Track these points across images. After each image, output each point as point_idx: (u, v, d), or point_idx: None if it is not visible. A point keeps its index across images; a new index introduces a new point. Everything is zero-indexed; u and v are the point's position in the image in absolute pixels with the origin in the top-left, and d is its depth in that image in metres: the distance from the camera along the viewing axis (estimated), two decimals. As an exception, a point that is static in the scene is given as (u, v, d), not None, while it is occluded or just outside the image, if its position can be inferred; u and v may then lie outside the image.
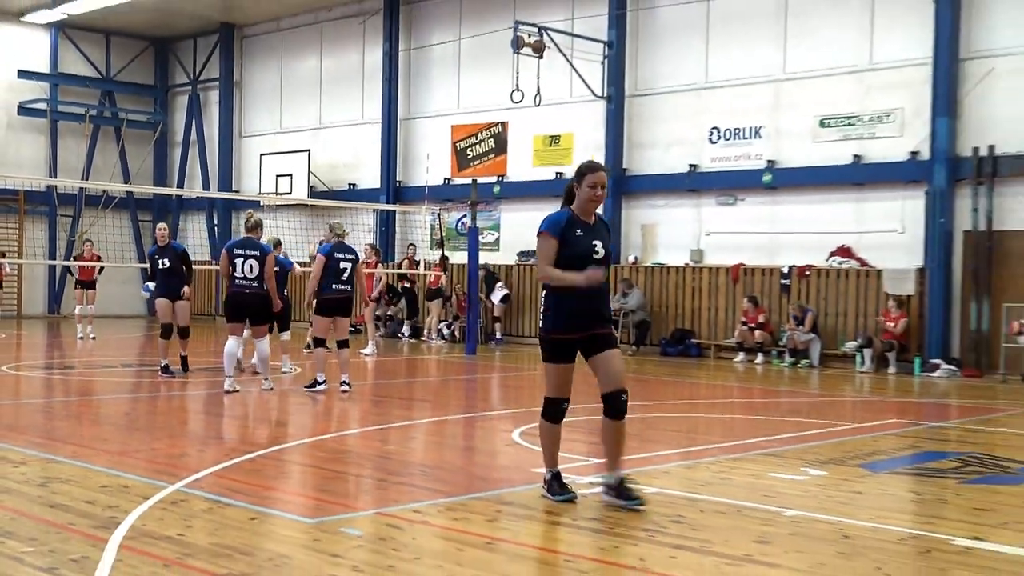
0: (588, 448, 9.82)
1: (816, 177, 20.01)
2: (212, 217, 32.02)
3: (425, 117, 26.69)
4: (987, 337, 18.11)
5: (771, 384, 16.64)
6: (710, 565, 5.52)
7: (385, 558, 5.57)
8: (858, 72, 19.66)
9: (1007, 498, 7.56)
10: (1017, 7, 17.98)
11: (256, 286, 12.73)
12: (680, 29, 21.96)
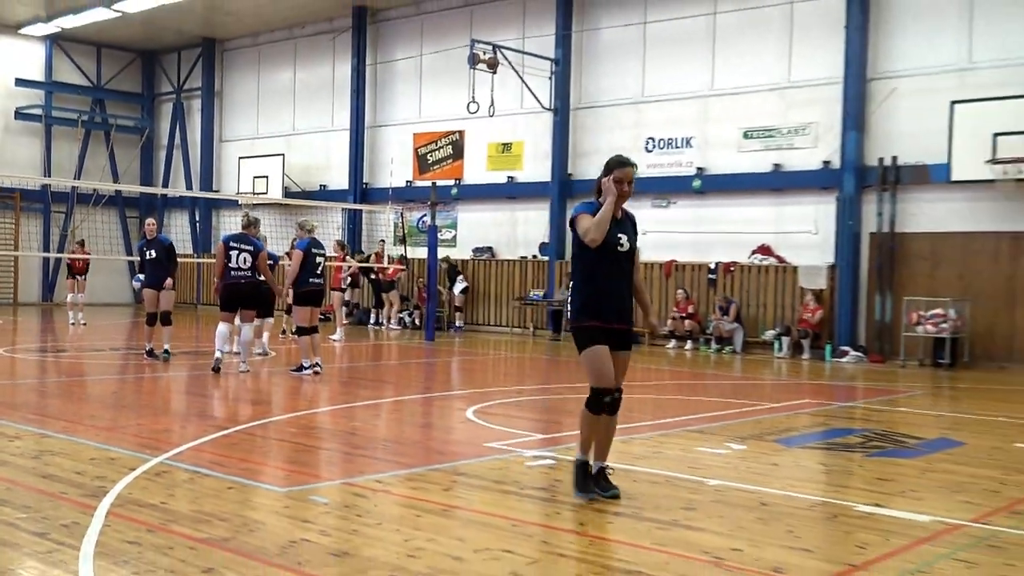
0: (533, 425, 9.89)
1: (740, 183, 20.18)
2: (194, 214, 31.73)
3: (389, 125, 26.60)
4: (889, 327, 18.37)
5: (699, 368, 16.78)
6: (643, 529, 5.58)
7: (350, 523, 5.58)
8: (778, 89, 19.85)
9: (905, 470, 7.68)
10: (917, 34, 18.21)
11: (250, 276, 12.80)
12: (619, 49, 22.05)
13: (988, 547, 5.39)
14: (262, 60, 30.04)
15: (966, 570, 4.95)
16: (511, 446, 8.13)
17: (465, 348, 19.56)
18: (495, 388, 12.89)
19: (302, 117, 28.85)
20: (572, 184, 22.66)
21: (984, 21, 17.53)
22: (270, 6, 26.78)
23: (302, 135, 28.78)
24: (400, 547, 5.06)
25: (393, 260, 24.67)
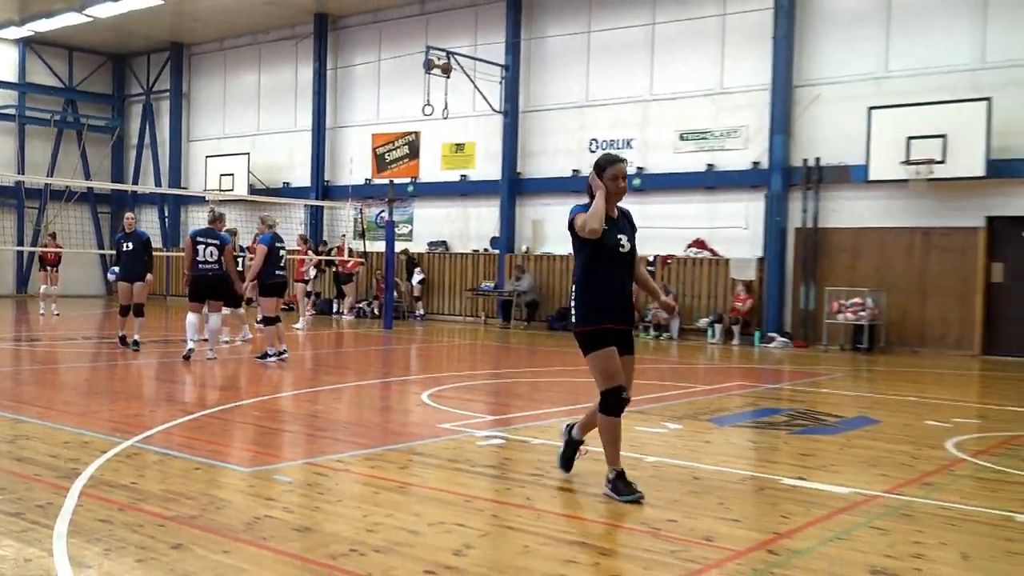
0: (484, 407, 9.90)
1: (676, 182, 20.31)
2: (163, 210, 31.27)
3: (349, 126, 26.40)
4: (813, 315, 18.62)
5: (638, 354, 16.83)
6: (585, 502, 5.62)
7: (312, 500, 5.56)
8: (711, 95, 20.00)
9: (826, 446, 7.79)
10: (838, 45, 18.44)
11: (217, 269, 12.75)
12: (565, 56, 22.07)
13: (901, 516, 5.49)
14: (228, 64, 29.65)
15: (880, 537, 5.04)
16: (463, 427, 8.13)
17: (421, 336, 19.51)
18: (448, 373, 12.88)
19: (266, 118, 28.54)
20: (521, 182, 22.69)
21: (899, 34, 17.80)
22: (235, 13, 26.44)
23: (266, 135, 28.47)
24: (359, 522, 5.05)
25: (354, 253, 24.61)
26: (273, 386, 10.88)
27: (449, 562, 4.41)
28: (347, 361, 14.70)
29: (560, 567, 4.38)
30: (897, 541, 4.97)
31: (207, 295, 12.82)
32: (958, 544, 4.94)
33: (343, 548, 4.57)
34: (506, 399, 10.69)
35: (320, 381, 11.64)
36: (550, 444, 7.42)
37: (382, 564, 4.36)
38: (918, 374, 14.19)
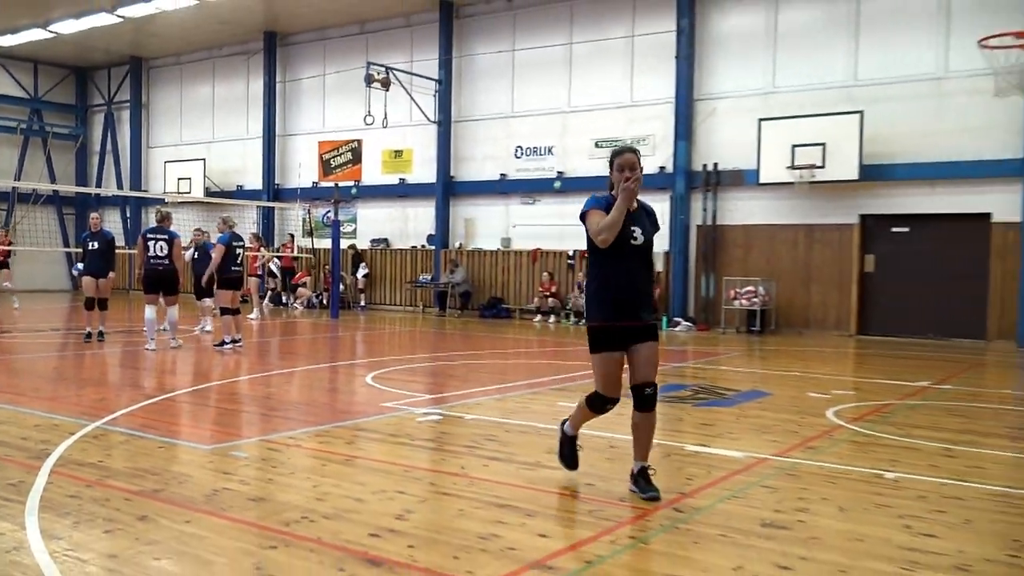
0: (423, 387, 9.88)
1: (592, 184, 20.32)
2: (125, 211, 30.43)
3: (297, 134, 26.01)
4: (713, 301, 18.94)
5: (560, 338, 16.98)
6: (512, 469, 5.65)
7: (266, 473, 5.49)
8: (623, 107, 20.17)
9: (724, 416, 7.94)
10: (732, 64, 18.73)
11: (167, 263, 12.54)
12: (492, 72, 22.05)
13: (787, 475, 5.64)
14: (184, 77, 28.95)
15: (770, 494, 5.17)
16: (404, 405, 8.11)
17: (365, 324, 19.37)
18: (390, 357, 12.81)
19: (220, 127, 27.95)
20: (454, 185, 22.62)
21: (784, 56, 18.16)
22: (190, 30, 25.81)
23: (221, 142, 27.88)
24: (310, 492, 5.01)
25: (302, 250, 24.43)
26: (230, 371, 10.70)
27: (392, 526, 4.41)
28: (298, 348, 14.52)
29: (491, 527, 4.40)
30: (785, 497, 5.10)
31: (159, 287, 12.65)
32: (836, 499, 5.09)
33: (295, 515, 4.54)
34: (442, 380, 10.68)
35: (273, 366, 11.48)
36: (482, 419, 7.46)
37: (331, 529, 4.33)
38: (803, 352, 14.49)
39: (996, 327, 16.24)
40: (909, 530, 4.51)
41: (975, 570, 3.96)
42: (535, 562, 3.91)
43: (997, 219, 16.14)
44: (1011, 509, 5.00)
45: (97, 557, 3.89)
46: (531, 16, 21.43)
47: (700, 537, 4.35)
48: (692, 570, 3.88)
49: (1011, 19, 15.34)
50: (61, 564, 3.79)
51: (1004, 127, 15.90)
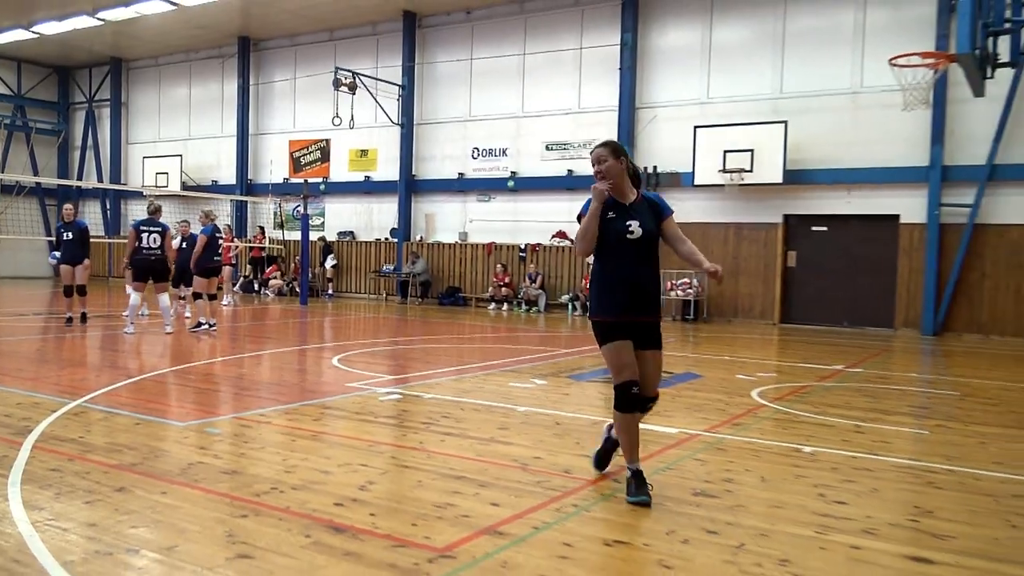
0: (385, 368, 9.82)
1: (543, 184, 20.49)
2: (105, 203, 29.70)
3: (269, 134, 25.61)
4: (651, 292, 19.06)
5: (512, 324, 17.01)
6: (467, 444, 5.66)
7: (238, 448, 5.43)
8: (571, 114, 20.21)
9: (661, 396, 8.00)
10: (670, 76, 18.86)
11: (159, 254, 12.33)
12: (452, 79, 21.93)
13: (716, 449, 5.73)
14: (162, 77, 28.32)
15: (700, 466, 5.25)
16: (368, 385, 8.07)
17: (332, 310, 19.20)
18: (355, 341, 12.73)
19: (196, 125, 27.40)
20: (416, 183, 22.49)
21: (717, 69, 18.35)
22: (168, 34, 25.24)
23: (197, 140, 27.34)
24: (279, 465, 4.96)
25: (274, 242, 24.12)
26: (205, 353, 10.54)
27: (355, 496, 4.39)
28: (269, 332, 14.34)
29: (447, 497, 4.41)
30: (713, 469, 5.18)
31: (150, 276, 12.41)
32: (759, 470, 5.19)
33: (265, 487, 4.49)
34: (403, 362, 10.63)
35: (246, 349, 11.33)
36: (439, 398, 7.45)
37: (299, 499, 4.30)
38: (731, 339, 14.67)
39: (903, 317, 16.65)
40: (823, 498, 4.61)
41: (880, 533, 4.07)
42: (487, 528, 3.92)
43: (904, 220, 16.52)
44: (913, 479, 5.14)
45: (77, 526, 3.82)
46: (488, 28, 21.36)
47: (637, 505, 4.39)
48: (630, 534, 3.93)
49: (919, 41, 15.69)
50: (43, 533, 3.71)
51: (912, 138, 16.27)
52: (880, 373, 10.19)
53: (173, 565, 3.40)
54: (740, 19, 18.18)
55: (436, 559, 3.53)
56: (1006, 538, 4.06)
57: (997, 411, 7.70)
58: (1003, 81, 14.69)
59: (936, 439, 6.36)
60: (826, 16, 17.25)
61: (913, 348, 13.92)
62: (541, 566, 3.48)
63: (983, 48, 10.24)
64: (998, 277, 15.82)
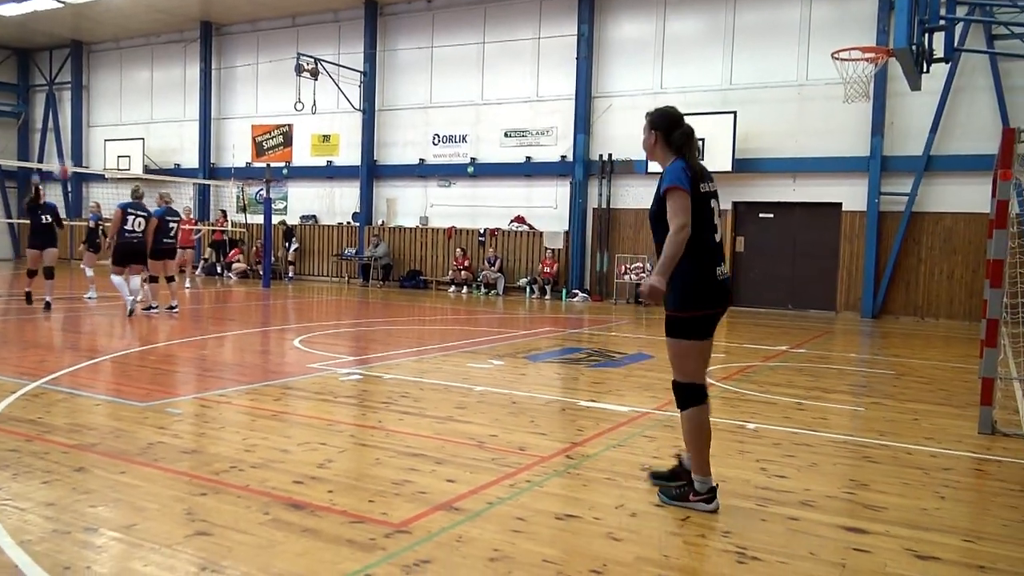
0: (346, 350, 9.74)
1: (502, 170, 20.43)
2: (66, 186, 28.86)
3: (232, 118, 25.10)
4: (606, 275, 19.21)
5: (471, 306, 16.98)
6: (425, 423, 5.65)
7: (199, 428, 5.35)
8: (529, 102, 20.15)
9: (614, 376, 8.09)
10: (625, 67, 18.88)
11: (142, 237, 12.10)
12: (413, 66, 21.71)
13: (665, 427, 5.79)
14: (124, 61, 27.57)
15: (650, 443, 5.31)
16: (328, 366, 8.00)
17: (294, 293, 18.98)
18: (317, 323, 12.61)
19: (159, 109, 26.75)
20: (377, 168, 22.27)
21: (670, 61, 18.42)
22: (129, 18, 24.55)
23: (159, 123, 26.69)
24: (239, 444, 4.90)
25: (236, 225, 23.73)
26: (168, 335, 10.35)
27: (314, 473, 4.36)
28: (231, 314, 14.13)
29: (404, 474, 4.40)
30: (662, 445, 5.24)
31: (131, 260, 12.06)
32: (705, 446, 5.25)
33: (224, 466, 4.44)
34: (364, 343, 10.56)
35: (208, 330, 11.14)
36: (398, 378, 7.42)
37: (258, 477, 4.26)
38: (682, 320, 14.80)
39: (844, 300, 16.98)
40: (764, 472, 4.70)
41: (818, 505, 4.16)
42: (443, 504, 3.92)
43: (847, 208, 16.80)
44: (849, 454, 5.26)
45: (35, 506, 3.73)
46: (448, 16, 21.16)
47: (589, 480, 4.43)
48: (580, 508, 3.96)
49: (861, 36, 15.93)
50: (1, 513, 3.62)
51: (854, 129, 16.53)
52: (822, 353, 10.39)
53: (131, 543, 3.34)
54: (692, 12, 18.26)
55: (392, 534, 3.52)
56: (934, 508, 4.17)
57: (929, 389, 7.91)
58: (939, 76, 15.00)
59: (872, 416, 6.51)
60: (773, 11, 17.40)
61: (853, 330, 14.21)
62: (495, 540, 3.50)
63: (919, 44, 10.42)
64: (933, 263, 16.21)
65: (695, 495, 3.98)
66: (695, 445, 3.98)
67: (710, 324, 3.96)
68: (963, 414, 6.62)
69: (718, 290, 3.92)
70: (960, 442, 5.67)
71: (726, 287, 3.98)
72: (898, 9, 9.09)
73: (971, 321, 15.43)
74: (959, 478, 4.79)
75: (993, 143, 14.69)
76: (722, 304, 3.97)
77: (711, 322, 3.96)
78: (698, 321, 3.92)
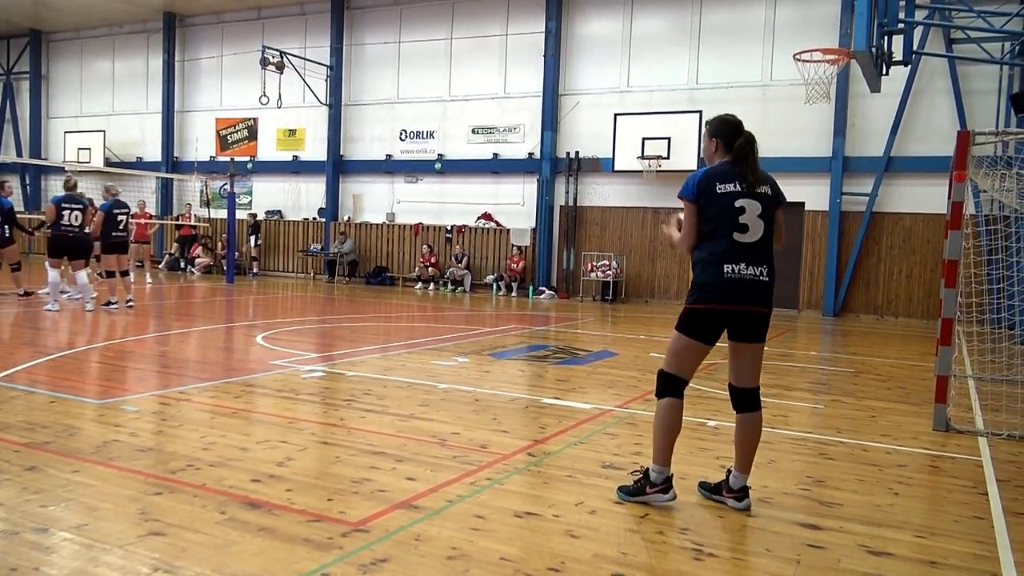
0: (309, 347, 9.64)
1: (469, 167, 20.40)
2: (24, 178, 28.24)
3: (195, 111, 24.74)
4: (573, 273, 19.28)
5: (438, 304, 16.92)
6: (387, 421, 5.61)
7: (156, 426, 5.26)
8: (497, 99, 20.14)
9: (578, 374, 8.11)
10: (592, 65, 18.96)
11: (77, 231, 11.80)
12: (380, 61, 21.58)
13: (626, 424, 5.82)
14: (84, 51, 27.03)
15: (611, 440, 5.33)
16: (291, 363, 7.92)
17: (258, 289, 18.77)
18: (280, 319, 12.47)
19: (120, 100, 26.27)
20: (344, 163, 22.10)
21: (637, 60, 18.52)
22: (90, 7, 24.09)
23: (120, 115, 26.21)
24: (197, 443, 4.83)
25: (200, 219, 23.39)
26: (125, 331, 10.17)
27: (273, 472, 4.31)
28: (193, 309, 13.93)
29: (364, 472, 4.37)
30: (623, 443, 5.27)
31: (67, 252, 11.81)
32: (666, 443, 5.28)
33: (181, 464, 4.37)
34: (328, 340, 10.47)
35: (169, 326, 10.97)
36: (361, 376, 7.37)
37: (215, 475, 4.20)
38: (649, 319, 14.93)
39: (806, 298, 17.21)
40: (724, 469, 4.73)
41: (775, 502, 4.21)
42: (402, 502, 3.90)
43: (809, 207, 17.03)
44: (807, 451, 5.33)
45: (-17, 506, 3.64)
46: (416, 12, 21.05)
47: (549, 478, 4.44)
48: (540, 506, 3.97)
49: (824, 38, 16.15)
50: (-55, 514, 3.53)
51: (817, 130, 16.76)
52: (783, 351, 10.52)
53: (82, 543, 3.28)
54: (658, 12, 18.37)
55: (350, 533, 3.49)
56: (888, 505, 4.24)
57: (887, 387, 8.05)
58: (899, 79, 15.24)
59: (831, 413, 6.60)
60: (738, 11, 17.57)
61: (815, 328, 14.41)
62: (453, 538, 3.49)
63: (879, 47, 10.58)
64: (892, 262, 16.49)
65: (651, 487, 4.03)
66: (659, 434, 4.03)
67: (711, 324, 3.95)
68: (919, 411, 6.74)
69: (724, 288, 3.89)
70: (915, 439, 5.77)
71: (743, 286, 3.89)
72: (858, 12, 9.22)
73: (929, 320, 15.73)
74: (913, 475, 4.87)
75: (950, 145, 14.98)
76: (728, 301, 3.89)
77: (713, 321, 3.94)
78: (698, 316, 3.95)
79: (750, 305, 3.92)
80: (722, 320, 3.94)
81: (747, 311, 3.91)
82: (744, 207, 3.96)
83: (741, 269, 3.89)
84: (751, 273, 3.90)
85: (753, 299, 3.92)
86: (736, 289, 3.89)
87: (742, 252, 3.91)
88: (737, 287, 3.88)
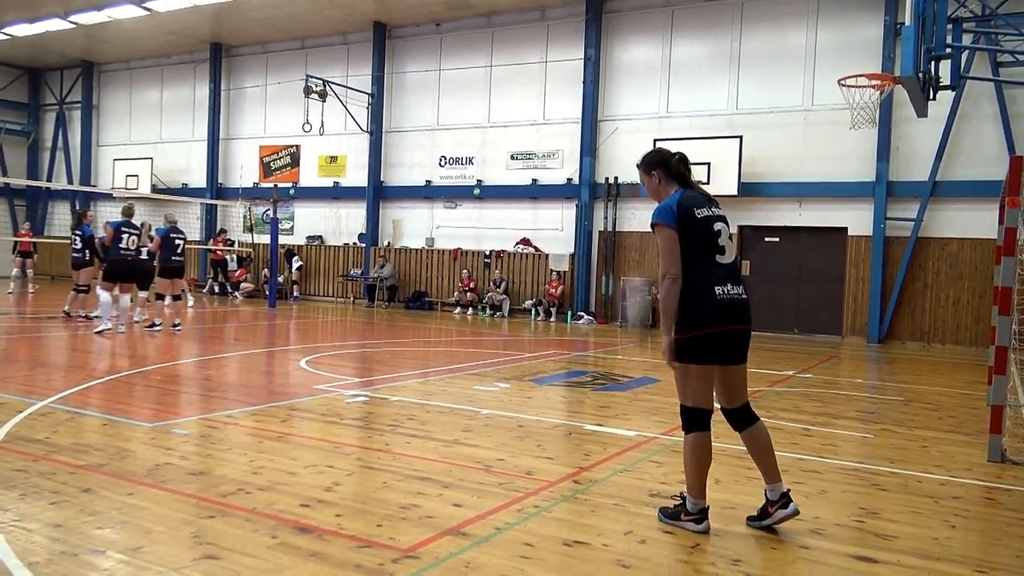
0: (352, 371, 9.72)
1: (508, 192, 20.51)
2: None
3: (240, 139, 25.28)
4: (611, 299, 19.21)
5: (477, 328, 16.96)
6: (432, 446, 5.63)
7: (205, 449, 5.34)
8: (536, 125, 20.26)
9: (619, 400, 8.05)
10: (632, 91, 19.00)
11: (134, 255, 12.32)
12: (420, 88, 21.87)
13: (672, 452, 5.76)
14: (134, 81, 27.83)
15: (657, 468, 5.28)
16: (334, 387, 7.99)
17: (299, 313, 18.99)
18: (322, 344, 12.60)
19: (168, 129, 26.96)
20: (384, 189, 22.37)
21: (676, 86, 18.53)
22: (140, 39, 24.83)
23: (167, 143, 26.90)
24: (246, 466, 4.89)
25: (243, 245, 23.78)
26: (172, 355, 10.36)
27: (321, 497, 4.34)
28: (236, 334, 14.14)
29: (411, 498, 4.38)
30: (669, 471, 5.21)
31: (123, 278, 12.22)
32: (713, 472, 5.14)
33: (232, 488, 4.42)
34: (370, 364, 10.55)
35: (213, 350, 11.15)
36: (405, 401, 7.40)
37: (265, 499, 4.24)
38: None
39: (850, 325, 16.93)
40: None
41: (827, 533, 4.13)
42: (450, 529, 3.90)
43: (852, 233, 16.81)
44: (858, 481, 5.23)
45: (43, 527, 3.72)
46: (456, 40, 21.34)
47: (596, 506, 4.41)
48: (589, 534, 3.94)
49: (866, 62, 16.02)
50: (8, 534, 3.61)
51: (859, 155, 16.58)
52: (828, 379, 10.35)
53: (139, 566, 3.33)
54: (698, 38, 18.39)
55: (400, 559, 3.50)
56: (945, 538, 4.14)
57: (938, 416, 7.87)
58: (945, 102, 15.04)
59: (881, 443, 6.47)
60: (779, 37, 17.52)
61: (859, 355, 14.16)
62: (503, 566, 3.47)
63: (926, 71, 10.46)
64: (939, 288, 16.18)
65: (686, 514, 4.07)
66: (691, 468, 4.06)
67: (713, 346, 3.96)
68: (972, 442, 6.58)
69: (718, 309, 3.93)
70: (970, 470, 5.63)
71: (733, 306, 3.97)
72: (904, 38, 9.14)
73: (977, 347, 15.37)
74: (969, 507, 4.75)
75: (998, 169, 14.73)
76: (724, 322, 3.95)
77: (714, 344, 3.96)
78: (697, 342, 3.95)
79: (741, 324, 4.03)
80: (721, 340, 3.98)
81: (739, 330, 4.01)
82: (721, 230, 4.09)
83: (729, 290, 3.99)
84: (736, 292, 4.03)
85: (742, 318, 4.03)
86: (729, 309, 3.97)
87: (726, 273, 4.03)
88: (730, 308, 3.97)
